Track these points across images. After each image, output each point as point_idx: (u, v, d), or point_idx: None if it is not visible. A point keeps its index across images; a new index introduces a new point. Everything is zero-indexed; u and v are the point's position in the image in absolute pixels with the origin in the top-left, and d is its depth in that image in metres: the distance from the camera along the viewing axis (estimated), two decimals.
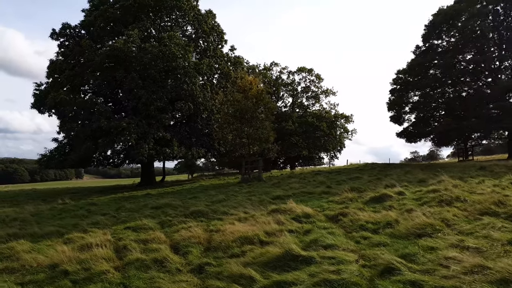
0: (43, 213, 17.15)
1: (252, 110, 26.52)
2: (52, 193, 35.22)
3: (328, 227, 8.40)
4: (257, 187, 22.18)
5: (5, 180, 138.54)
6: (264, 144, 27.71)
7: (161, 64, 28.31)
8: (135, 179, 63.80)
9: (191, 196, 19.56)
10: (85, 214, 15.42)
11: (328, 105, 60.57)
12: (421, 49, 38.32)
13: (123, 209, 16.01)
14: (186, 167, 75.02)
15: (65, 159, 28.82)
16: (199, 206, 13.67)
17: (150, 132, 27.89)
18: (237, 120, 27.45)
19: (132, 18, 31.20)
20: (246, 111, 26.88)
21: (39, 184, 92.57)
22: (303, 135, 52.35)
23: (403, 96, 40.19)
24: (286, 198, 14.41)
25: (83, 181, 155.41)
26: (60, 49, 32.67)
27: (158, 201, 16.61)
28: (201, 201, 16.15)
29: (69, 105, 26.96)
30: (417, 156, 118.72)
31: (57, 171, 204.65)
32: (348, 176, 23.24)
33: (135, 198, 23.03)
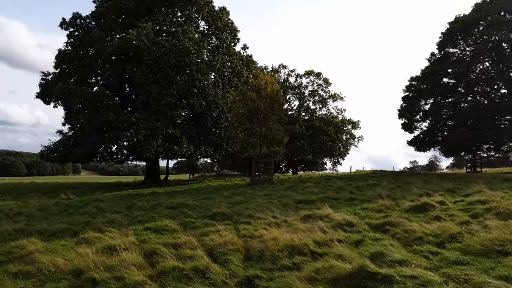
0: (49, 208, 16.19)
1: (267, 110, 25.64)
2: (52, 187, 34.22)
3: (381, 238, 7.50)
4: (271, 189, 21.27)
5: (2, 172, 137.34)
6: (277, 146, 26.81)
7: (174, 59, 27.42)
8: (136, 177, 62.88)
9: (204, 196, 18.62)
10: (94, 211, 14.45)
11: (335, 110, 59.81)
12: (436, 56, 37.57)
13: (134, 207, 15.06)
14: (187, 167, 74.07)
15: (70, 152, 27.86)
16: (220, 207, 12.75)
17: (159, 128, 26.97)
18: (250, 120, 26.58)
19: (145, 11, 30.33)
20: (259, 111, 26.02)
21: (37, 177, 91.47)
22: (310, 139, 51.46)
23: (415, 104, 39.43)
24: (311, 203, 13.54)
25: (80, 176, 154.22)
26: (69, 39, 31.74)
27: (171, 200, 15.67)
28: (218, 202, 15.23)
29: (77, 96, 26.01)
30: (416, 166, 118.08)
31: (55, 166, 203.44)
32: (365, 182, 22.37)
33: (142, 196, 22.09)
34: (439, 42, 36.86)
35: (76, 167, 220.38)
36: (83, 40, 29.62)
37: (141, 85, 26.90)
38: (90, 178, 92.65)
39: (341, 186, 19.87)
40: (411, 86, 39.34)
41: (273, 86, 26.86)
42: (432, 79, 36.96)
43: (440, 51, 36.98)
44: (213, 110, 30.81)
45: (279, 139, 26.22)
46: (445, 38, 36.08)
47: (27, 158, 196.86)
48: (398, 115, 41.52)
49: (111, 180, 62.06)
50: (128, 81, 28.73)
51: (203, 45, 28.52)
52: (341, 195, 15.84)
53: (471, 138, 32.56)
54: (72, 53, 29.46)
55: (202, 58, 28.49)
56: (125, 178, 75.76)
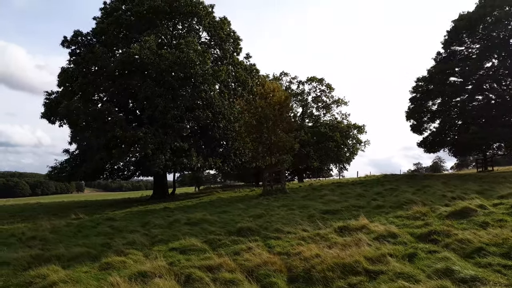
0: (61, 229, 15.58)
1: (276, 118, 25.10)
2: (60, 207, 33.60)
3: (434, 250, 6.85)
4: (286, 200, 20.62)
5: (6, 193, 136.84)
6: (289, 154, 26.20)
7: (179, 71, 27.00)
8: (142, 192, 62.30)
9: (220, 210, 17.97)
10: (109, 231, 13.83)
11: (340, 115, 59.28)
12: (442, 55, 37.11)
13: (151, 225, 14.44)
14: (192, 180, 73.39)
15: (77, 171, 27.30)
16: (242, 222, 12.13)
17: (167, 142, 26.43)
18: (258, 129, 26.04)
19: (146, 25, 30.02)
20: (268, 119, 25.48)
21: (42, 197, 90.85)
22: (315, 145, 50.83)
23: (423, 105, 38.87)
24: (338, 213, 12.90)
25: (85, 194, 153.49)
26: (71, 57, 31.42)
27: (188, 216, 15.04)
28: (238, 216, 14.60)
29: (83, 114, 25.54)
30: (420, 168, 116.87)
31: (58, 185, 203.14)
32: (381, 188, 21.66)
33: (155, 212, 21.47)
34: (445, 40, 36.44)
35: (80, 185, 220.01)
36: (85, 57, 29.26)
37: (147, 99, 26.44)
38: (95, 195, 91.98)
39: (360, 193, 19.22)
40: (418, 87, 38.80)
41: (280, 93, 26.37)
42: (440, 79, 36.43)
43: (446, 49, 36.53)
44: (220, 121, 30.29)
45: (290, 146, 25.63)
46: (450, 36, 35.65)
47: (31, 178, 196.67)
48: (406, 116, 40.97)
49: (117, 196, 61.35)
50: (133, 96, 28.28)
51: (208, 55, 28.12)
52: (364, 202, 15.20)
53: (484, 136, 31.93)
54: (75, 71, 29.08)
55: (207, 69, 28.06)
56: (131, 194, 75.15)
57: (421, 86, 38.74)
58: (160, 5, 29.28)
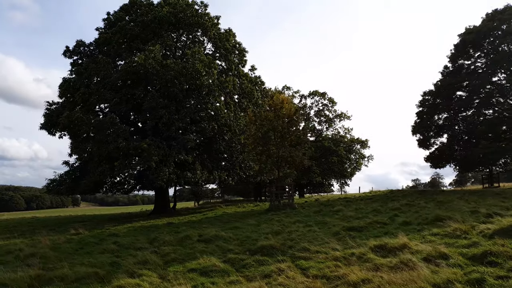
0: (62, 246, 14.54)
1: (285, 131, 24.31)
2: (57, 222, 32.39)
3: (504, 276, 5.94)
4: (299, 215, 19.66)
5: (1, 208, 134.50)
6: (298, 168, 25.33)
7: (184, 82, 26.30)
8: (142, 207, 60.96)
9: (230, 225, 16.97)
10: (115, 248, 12.81)
11: (342, 129, 58.63)
12: (449, 69, 36.72)
13: (159, 241, 13.43)
14: (192, 194, 72.11)
15: (77, 184, 26.26)
16: (262, 239, 11.17)
17: (171, 154, 25.52)
18: (266, 141, 25.21)
19: (151, 35, 29.45)
20: (277, 131, 24.69)
21: (37, 212, 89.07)
22: (319, 160, 49.97)
23: (429, 119, 38.29)
24: (364, 230, 11.99)
25: (81, 208, 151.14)
26: (73, 67, 30.75)
27: (200, 232, 14.05)
28: (253, 233, 13.64)
29: (85, 124, 24.66)
30: (418, 184, 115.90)
31: (54, 199, 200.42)
32: (396, 203, 20.68)
33: (159, 228, 20.43)
34: (451, 54, 36.08)
35: (76, 199, 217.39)
36: (88, 67, 28.58)
37: (152, 109, 25.62)
38: (92, 210, 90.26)
39: (376, 209, 18.30)
40: (425, 101, 38.28)
41: (290, 105, 25.66)
42: (447, 93, 35.96)
43: (453, 63, 36.15)
44: (225, 134, 29.47)
45: (299, 161, 24.76)
46: (457, 50, 35.31)
47: (26, 192, 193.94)
48: (412, 131, 40.33)
49: (114, 211, 59.93)
50: (137, 106, 27.50)
51: (214, 65, 27.48)
52: (386, 218, 14.27)
53: (494, 151, 31.23)
54: (77, 81, 28.34)
55: (214, 80, 27.39)
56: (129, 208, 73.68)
57: (427, 100, 38.25)
58: (166, 16, 28.78)
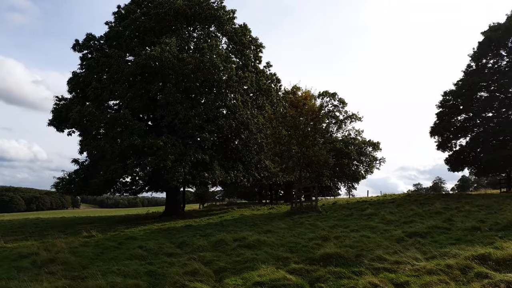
0: (80, 250, 13.09)
1: (311, 128, 22.93)
2: (63, 223, 30.97)
3: None
4: (331, 219, 18.26)
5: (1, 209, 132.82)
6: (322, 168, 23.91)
7: (202, 77, 24.92)
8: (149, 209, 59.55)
9: (261, 229, 15.51)
10: (142, 253, 11.35)
11: (353, 131, 57.22)
12: (472, 68, 35.36)
13: (192, 246, 11.99)
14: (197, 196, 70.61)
15: (88, 183, 24.81)
16: (319, 246, 9.76)
17: (187, 153, 24.10)
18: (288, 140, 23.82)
19: (166, 28, 28.09)
20: (300, 129, 23.31)
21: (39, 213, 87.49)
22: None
23: (450, 121, 36.90)
24: (429, 236, 10.57)
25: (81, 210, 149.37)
26: (83, 62, 29.36)
27: (234, 236, 12.60)
28: (294, 237, 12.22)
29: (97, 120, 23.25)
30: (420, 188, 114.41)
31: (54, 200, 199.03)
32: (429, 207, 19.09)
33: (180, 230, 19.02)
34: (475, 52, 34.70)
35: (76, 201, 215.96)
36: (99, 61, 27.21)
37: (168, 105, 24.23)
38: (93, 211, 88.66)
39: (418, 212, 16.87)
40: (445, 101, 36.91)
41: (313, 101, 24.30)
42: (469, 93, 34.59)
43: (477, 62, 34.77)
44: (242, 132, 28.06)
45: (324, 160, 23.36)
46: (481, 48, 33.94)
47: (26, 194, 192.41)
48: (431, 132, 38.94)
49: (119, 213, 58.55)
50: (151, 102, 26.11)
51: (233, 60, 26.12)
52: (439, 222, 12.84)
53: None
54: (88, 75, 26.97)
55: (232, 75, 25.99)
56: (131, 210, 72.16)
57: (448, 100, 36.90)
58: (182, 7, 27.41)
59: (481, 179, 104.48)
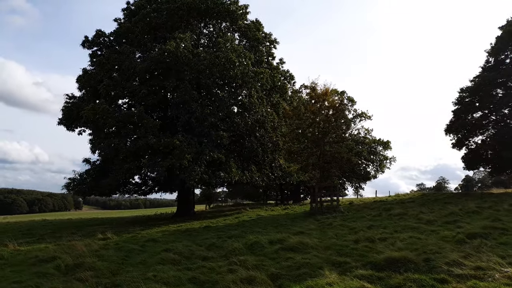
0: (102, 254, 12.19)
1: (329, 125, 22.04)
2: (72, 225, 30.05)
3: None
4: (360, 219, 17.37)
5: (3, 211, 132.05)
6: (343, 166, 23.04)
7: (217, 73, 24.06)
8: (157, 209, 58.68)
9: (292, 230, 14.59)
10: (175, 257, 10.46)
11: (363, 130, 56.22)
12: (490, 64, 34.44)
13: (225, 250, 11.09)
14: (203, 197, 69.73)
15: (100, 183, 23.93)
16: (374, 250, 8.86)
17: (204, 152, 23.23)
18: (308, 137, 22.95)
19: (178, 23, 27.23)
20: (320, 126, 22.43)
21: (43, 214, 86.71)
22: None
23: (467, 118, 35.96)
24: (489, 236, 9.68)
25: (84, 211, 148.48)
26: (92, 59, 28.53)
27: (270, 237, 11.72)
28: (332, 239, 11.34)
29: (111, 117, 22.38)
30: (423, 188, 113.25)
31: (56, 201, 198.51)
32: (473, 204, 18.18)
33: (199, 231, 18.20)
34: (493, 47, 33.78)
35: (78, 202, 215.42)
36: (110, 58, 26.37)
37: (184, 103, 23.36)
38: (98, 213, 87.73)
39: (454, 211, 15.95)
40: (462, 98, 35.96)
41: (333, 97, 23.43)
42: (487, 89, 33.67)
43: (496, 57, 33.84)
44: (258, 130, 27.18)
45: (347, 158, 22.48)
46: (500, 42, 33.01)
47: (28, 196, 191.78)
48: (446, 130, 37.95)
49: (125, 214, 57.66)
50: (164, 100, 25.25)
51: (250, 55, 25.25)
52: (486, 222, 11.98)
53: None
54: (99, 72, 26.11)
55: (247, 71, 25.11)
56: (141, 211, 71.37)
57: (464, 97, 35.96)
58: (195, 2, 26.54)
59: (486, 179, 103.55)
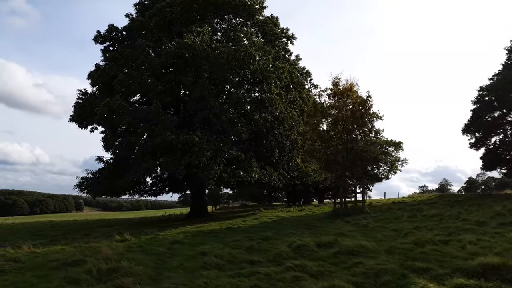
0: (131, 256, 11.12)
1: (360, 122, 21.09)
2: (81, 226, 29.05)
3: None
4: (395, 221, 16.39)
5: (5, 212, 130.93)
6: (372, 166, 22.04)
7: (237, 67, 23.12)
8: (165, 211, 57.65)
9: (332, 232, 13.60)
10: (217, 262, 9.47)
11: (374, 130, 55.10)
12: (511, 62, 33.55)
13: (270, 252, 10.08)
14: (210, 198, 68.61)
15: (114, 182, 22.93)
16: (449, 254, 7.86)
17: (222, 149, 22.27)
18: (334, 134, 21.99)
19: (194, 17, 26.33)
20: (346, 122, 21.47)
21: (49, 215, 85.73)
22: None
23: (486, 118, 35.06)
24: None
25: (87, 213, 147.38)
26: (104, 54, 27.62)
27: (317, 240, 10.71)
28: (390, 241, 10.34)
29: (128, 113, 21.40)
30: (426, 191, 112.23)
31: (57, 203, 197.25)
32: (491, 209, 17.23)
33: (224, 233, 17.22)
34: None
35: (79, 204, 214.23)
36: (124, 52, 25.43)
37: (202, 98, 22.40)
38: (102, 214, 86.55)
39: (501, 212, 14.97)
40: (481, 97, 35.03)
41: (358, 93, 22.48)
42: (507, 88, 32.75)
43: None
44: (277, 128, 26.21)
45: (374, 156, 21.52)
46: None
47: (29, 197, 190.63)
48: (464, 130, 37.04)
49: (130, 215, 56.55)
50: (182, 95, 24.29)
51: (270, 50, 24.31)
52: None
53: None
54: (113, 68, 25.18)
55: (267, 66, 24.15)
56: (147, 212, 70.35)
57: (484, 96, 35.03)
58: None
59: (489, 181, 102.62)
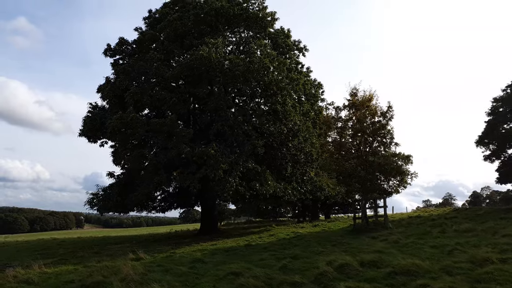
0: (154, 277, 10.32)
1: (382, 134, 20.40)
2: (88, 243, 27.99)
3: None
4: (425, 236, 15.50)
5: (5, 229, 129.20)
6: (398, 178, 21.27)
7: (252, 79, 22.57)
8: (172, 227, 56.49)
9: (367, 250, 12.74)
10: (257, 284, 8.61)
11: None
12: None
13: (310, 272, 9.24)
14: None
15: (124, 198, 22.08)
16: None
17: (238, 162, 21.52)
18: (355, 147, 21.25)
19: (207, 29, 25.94)
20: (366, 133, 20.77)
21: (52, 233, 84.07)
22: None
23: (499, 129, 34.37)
24: None
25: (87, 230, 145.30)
26: (114, 68, 27.14)
27: (360, 258, 9.88)
28: (443, 260, 9.50)
29: (141, 126, 20.74)
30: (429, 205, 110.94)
31: (57, 220, 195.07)
32: None
33: (244, 251, 16.41)
34: None
35: (80, 221, 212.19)
36: (135, 65, 24.97)
37: (218, 110, 21.78)
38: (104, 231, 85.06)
39: None
40: (495, 108, 34.43)
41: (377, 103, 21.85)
42: None
43: None
44: (291, 140, 25.51)
45: (398, 168, 20.73)
46: None
47: (30, 214, 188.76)
48: (477, 142, 36.24)
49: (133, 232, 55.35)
50: (195, 107, 23.68)
51: (284, 61, 23.82)
52: None
53: None
54: (124, 81, 24.65)
55: (283, 77, 23.63)
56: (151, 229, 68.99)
57: (498, 107, 34.44)
58: (225, 6, 25.28)
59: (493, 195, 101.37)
